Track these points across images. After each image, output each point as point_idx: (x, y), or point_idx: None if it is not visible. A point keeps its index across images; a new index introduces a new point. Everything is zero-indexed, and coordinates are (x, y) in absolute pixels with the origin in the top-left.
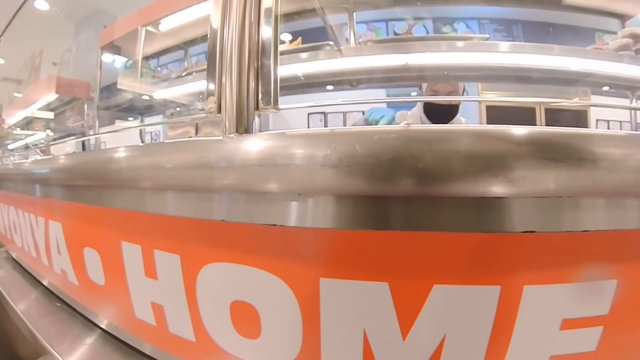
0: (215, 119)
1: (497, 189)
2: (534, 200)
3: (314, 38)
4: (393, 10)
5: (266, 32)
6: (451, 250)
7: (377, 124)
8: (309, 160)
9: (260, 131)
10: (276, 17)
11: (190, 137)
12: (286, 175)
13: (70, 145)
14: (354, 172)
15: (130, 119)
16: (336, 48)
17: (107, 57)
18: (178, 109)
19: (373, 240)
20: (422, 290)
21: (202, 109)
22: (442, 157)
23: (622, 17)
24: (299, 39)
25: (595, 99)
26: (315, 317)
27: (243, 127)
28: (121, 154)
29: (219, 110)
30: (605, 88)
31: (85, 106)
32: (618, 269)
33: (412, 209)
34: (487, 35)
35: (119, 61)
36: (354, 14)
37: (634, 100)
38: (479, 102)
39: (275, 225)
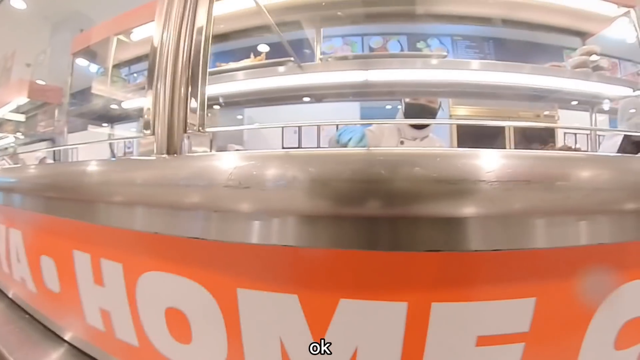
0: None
1: (390, 210)
2: (439, 220)
3: (284, 52)
4: (369, 26)
5: (195, 59)
6: (355, 266)
7: (346, 146)
8: (216, 181)
9: (189, 151)
10: (206, 46)
11: None
12: (202, 192)
13: (41, 151)
14: (257, 192)
15: (104, 124)
16: (297, 64)
17: (82, 63)
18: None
19: (283, 254)
20: (330, 303)
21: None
22: (346, 180)
23: (584, 35)
24: (263, 55)
25: (562, 112)
26: (236, 325)
27: (173, 147)
28: (70, 168)
29: (153, 131)
30: (574, 102)
31: (56, 111)
32: (536, 287)
33: (317, 226)
34: (445, 54)
35: (92, 67)
36: (322, 30)
37: (594, 114)
38: (450, 116)
39: (197, 238)
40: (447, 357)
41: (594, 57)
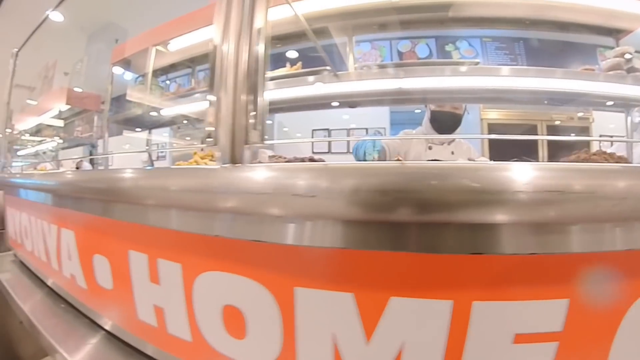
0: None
1: (441, 216)
2: (480, 226)
3: (315, 61)
4: (394, 32)
5: (254, 72)
6: (406, 267)
7: (364, 155)
8: (284, 190)
9: (253, 159)
10: (265, 59)
11: (195, 152)
12: (264, 201)
13: (78, 155)
14: (324, 201)
15: (137, 130)
16: (333, 73)
17: (117, 71)
18: (185, 122)
19: (340, 256)
20: (381, 301)
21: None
22: (385, 192)
23: (617, 34)
24: (299, 64)
25: (597, 114)
26: (291, 321)
27: (235, 158)
28: (134, 175)
29: (216, 143)
30: (609, 103)
31: (95, 117)
32: (570, 289)
33: (370, 231)
34: (478, 60)
35: (128, 76)
36: (354, 38)
37: (630, 116)
38: (481, 120)
39: (261, 241)
40: (486, 353)
41: (627, 56)
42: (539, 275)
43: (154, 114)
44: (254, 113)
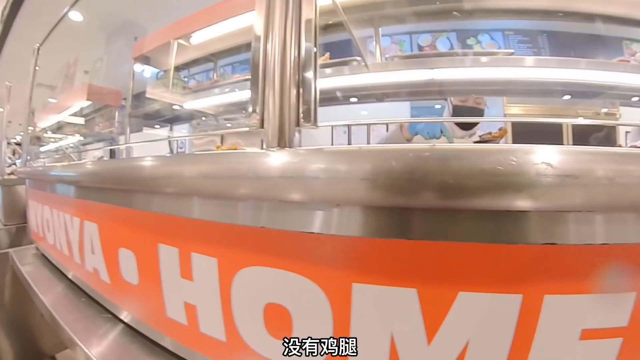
0: (256, 132)
1: (520, 203)
2: (555, 214)
3: (338, 51)
4: (417, 24)
5: (307, 48)
6: (476, 259)
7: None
8: (346, 175)
9: (300, 146)
10: (316, 34)
11: (218, 147)
12: (324, 187)
13: (100, 151)
14: (388, 187)
15: (156, 126)
16: (363, 63)
17: (137, 68)
18: (204, 118)
19: (403, 248)
20: (449, 296)
21: (229, 119)
22: (468, 174)
23: None
24: (327, 54)
25: (624, 110)
26: (346, 320)
27: (284, 141)
28: (168, 162)
29: (262, 125)
30: (635, 99)
31: (116, 113)
32: (637, 282)
33: (440, 220)
34: (512, 50)
35: (148, 71)
36: (380, 28)
37: None
38: (504, 116)
39: (312, 232)
40: (553, 350)
41: None
42: (609, 266)
43: (176, 107)
44: (307, 92)
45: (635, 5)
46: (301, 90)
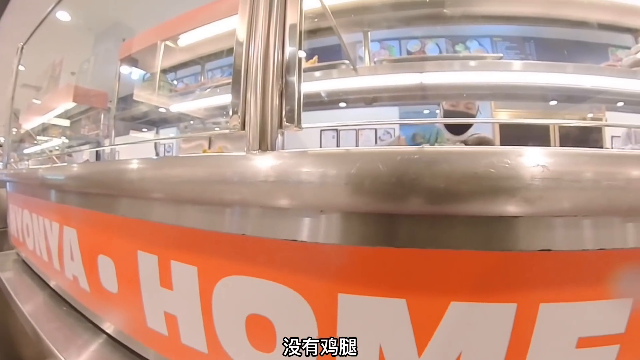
0: (239, 135)
1: (512, 208)
2: (549, 219)
3: (327, 56)
4: (406, 29)
5: (291, 49)
6: (468, 267)
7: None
8: (331, 179)
9: (283, 149)
10: (300, 35)
11: (205, 150)
12: (308, 192)
13: (85, 154)
14: (374, 192)
15: (144, 129)
16: (352, 67)
17: (124, 70)
18: (192, 122)
19: (391, 257)
20: (440, 307)
21: (217, 123)
22: (459, 178)
23: (636, 32)
24: (315, 57)
25: (610, 115)
26: (332, 332)
27: (266, 144)
28: (144, 165)
29: (243, 126)
30: (620, 104)
31: (102, 116)
32: (634, 288)
33: (429, 227)
34: (501, 55)
35: (136, 73)
36: (369, 33)
37: None
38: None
39: (295, 240)
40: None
41: None
42: (606, 272)
43: (162, 110)
44: (291, 93)
45: (621, 13)
46: (284, 92)
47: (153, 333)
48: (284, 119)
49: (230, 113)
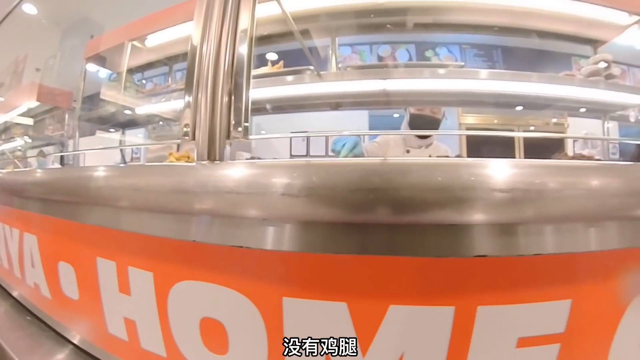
0: (189, 145)
1: (449, 217)
2: (483, 227)
3: (296, 60)
4: (377, 35)
5: (239, 65)
6: (406, 273)
7: (339, 154)
8: (271, 190)
9: (231, 159)
10: (250, 51)
11: (171, 153)
12: (250, 201)
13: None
14: (316, 201)
15: (111, 130)
16: (316, 73)
17: (91, 68)
18: (161, 122)
19: (332, 263)
20: (379, 310)
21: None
22: (398, 189)
23: (595, 43)
24: (281, 63)
25: (572, 120)
26: (279, 334)
27: (214, 154)
28: (101, 173)
29: (193, 137)
30: (583, 109)
31: (67, 115)
32: (572, 289)
33: (367, 235)
34: (462, 63)
35: (103, 72)
36: (337, 39)
37: (607, 122)
38: (459, 125)
39: (241, 247)
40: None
41: (602, 65)
42: (543, 276)
43: (127, 112)
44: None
45: (581, 25)
46: (233, 104)
47: (114, 339)
48: (232, 131)
49: (182, 124)
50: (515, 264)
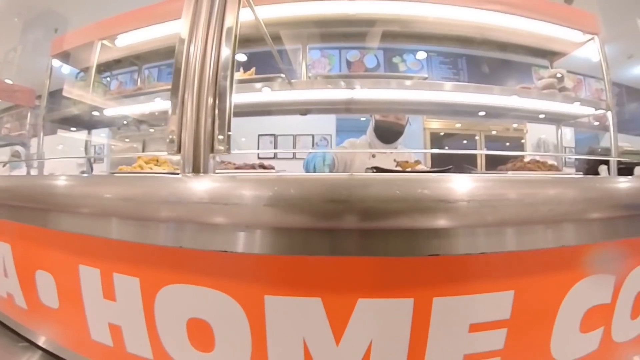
0: (174, 156)
1: (405, 223)
2: (436, 230)
3: (267, 60)
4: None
5: (222, 85)
6: (371, 270)
7: (315, 170)
8: (252, 201)
9: (214, 171)
10: (232, 67)
11: (140, 157)
12: (234, 211)
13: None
14: (291, 211)
15: (72, 129)
16: (287, 81)
17: (56, 65)
18: (125, 122)
19: (307, 263)
20: (349, 303)
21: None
22: (361, 200)
23: (554, 56)
24: (253, 69)
25: (530, 125)
26: (262, 329)
27: (199, 167)
28: (87, 181)
29: (179, 150)
30: (542, 116)
31: (28, 114)
32: (513, 282)
33: (337, 238)
34: (426, 75)
35: (66, 69)
36: (307, 46)
37: (560, 129)
38: (423, 129)
39: (226, 251)
40: (446, 343)
41: (559, 75)
42: (489, 271)
43: (95, 113)
44: (222, 121)
45: (542, 39)
46: (216, 122)
47: (97, 345)
48: (216, 145)
49: (167, 137)
50: (465, 261)
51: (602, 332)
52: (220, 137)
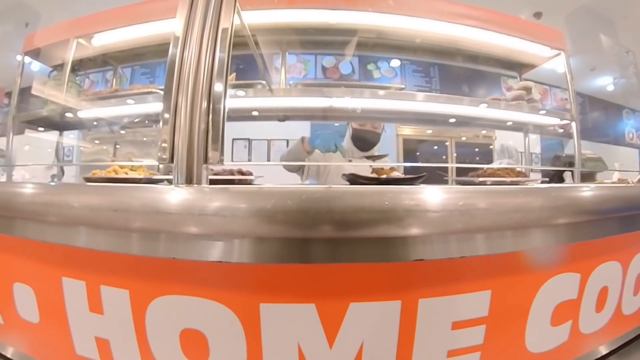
0: (167, 167)
1: (392, 232)
2: (421, 238)
3: (248, 71)
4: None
5: (217, 91)
6: (361, 276)
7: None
8: (246, 212)
9: (207, 182)
10: (226, 77)
11: (113, 160)
12: (228, 223)
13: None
14: (286, 222)
15: (40, 129)
16: (268, 87)
17: (28, 63)
18: (95, 123)
19: (301, 271)
20: (342, 307)
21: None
22: (351, 211)
23: (523, 68)
24: (234, 75)
25: (498, 132)
26: (257, 336)
27: (192, 177)
28: (71, 190)
29: (172, 159)
30: (509, 123)
31: None
32: (490, 282)
33: (329, 247)
34: (403, 86)
35: (41, 69)
36: (287, 53)
37: (527, 137)
38: (397, 135)
39: (221, 261)
40: (432, 340)
41: (528, 85)
42: (468, 273)
43: (69, 115)
44: (215, 131)
45: (511, 52)
46: (210, 133)
47: None
48: (209, 156)
49: (160, 146)
50: (447, 264)
51: (571, 325)
52: (214, 146)
